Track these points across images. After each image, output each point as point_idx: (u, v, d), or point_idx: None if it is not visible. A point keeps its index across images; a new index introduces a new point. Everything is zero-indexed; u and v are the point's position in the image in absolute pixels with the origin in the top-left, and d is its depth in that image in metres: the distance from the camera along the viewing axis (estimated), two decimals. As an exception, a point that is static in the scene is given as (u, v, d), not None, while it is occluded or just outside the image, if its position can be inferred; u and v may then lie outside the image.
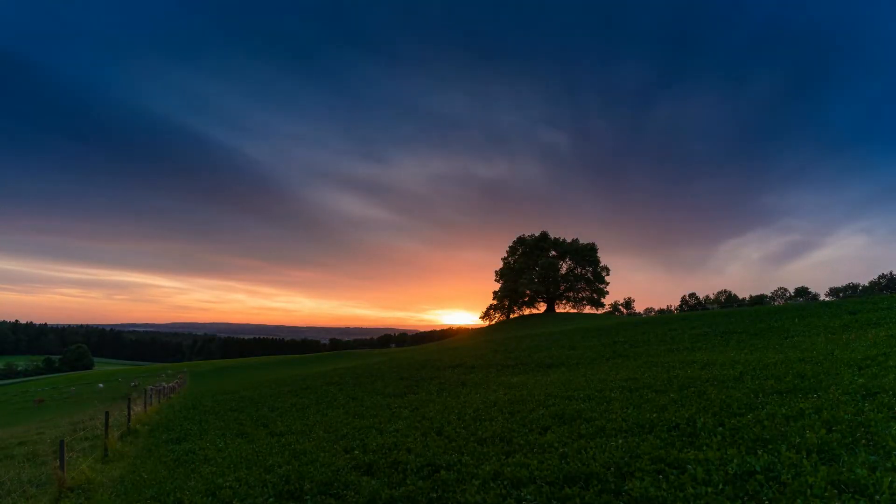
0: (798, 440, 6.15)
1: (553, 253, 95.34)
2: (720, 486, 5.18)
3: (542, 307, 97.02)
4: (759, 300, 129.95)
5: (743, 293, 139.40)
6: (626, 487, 5.58)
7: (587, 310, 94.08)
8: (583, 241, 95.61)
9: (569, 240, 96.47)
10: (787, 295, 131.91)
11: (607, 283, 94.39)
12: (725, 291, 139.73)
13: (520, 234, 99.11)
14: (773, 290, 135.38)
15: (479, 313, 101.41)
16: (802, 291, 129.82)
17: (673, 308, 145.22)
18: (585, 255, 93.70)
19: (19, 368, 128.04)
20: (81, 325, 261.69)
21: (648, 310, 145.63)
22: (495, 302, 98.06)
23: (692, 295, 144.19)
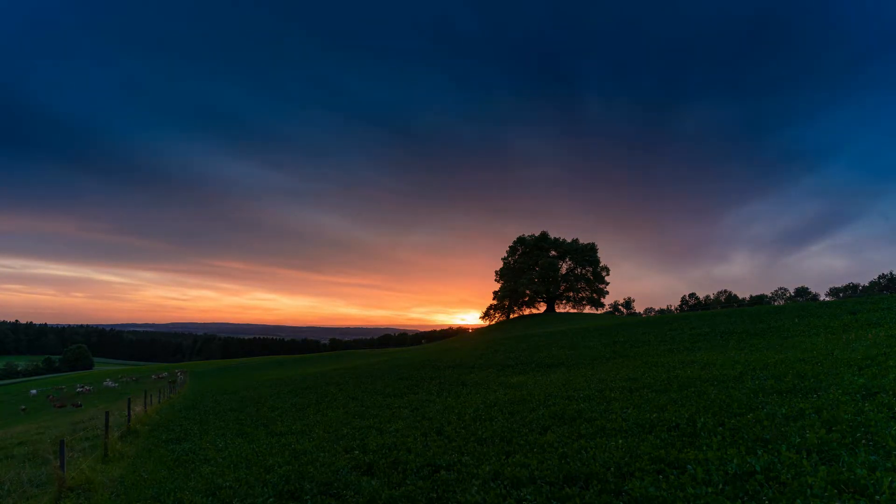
0: (798, 440, 6.15)
1: (553, 253, 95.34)
2: (720, 486, 5.18)
3: (542, 307, 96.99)
4: (759, 300, 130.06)
5: (745, 292, 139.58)
6: (626, 487, 5.58)
7: (587, 310, 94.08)
8: (582, 239, 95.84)
9: (569, 240, 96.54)
10: (788, 295, 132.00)
11: (607, 283, 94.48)
12: (725, 291, 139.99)
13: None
14: (773, 290, 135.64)
15: (480, 313, 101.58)
16: (802, 291, 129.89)
17: (673, 308, 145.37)
18: (585, 255, 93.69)
19: (19, 368, 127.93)
20: (81, 326, 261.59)
21: (648, 310, 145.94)
22: (495, 302, 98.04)
23: (692, 295, 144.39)
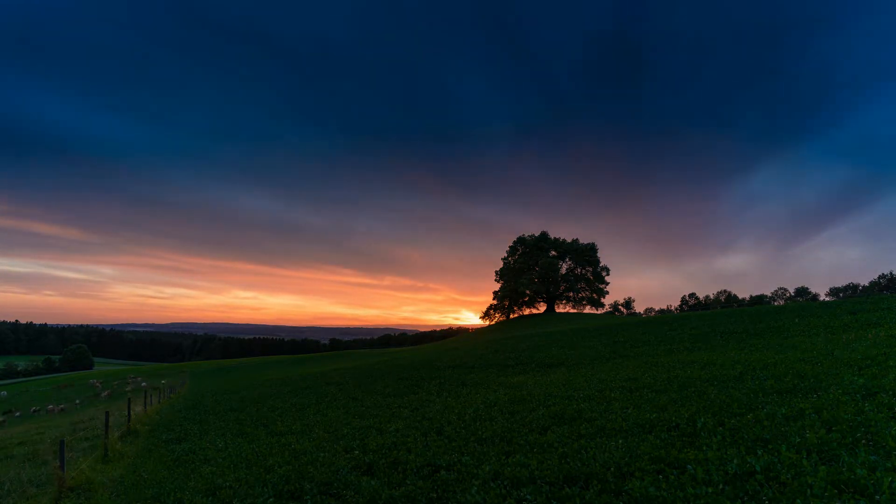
0: (798, 440, 6.15)
1: (553, 253, 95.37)
2: (720, 486, 5.18)
3: (542, 307, 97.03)
4: (759, 300, 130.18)
5: (746, 291, 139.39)
6: (626, 487, 5.58)
7: (587, 310, 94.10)
8: (582, 240, 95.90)
9: (569, 240, 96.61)
10: (788, 295, 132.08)
11: (607, 283, 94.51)
12: (725, 291, 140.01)
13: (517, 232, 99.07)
14: (773, 290, 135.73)
15: (480, 313, 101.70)
16: (802, 291, 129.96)
17: (673, 308, 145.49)
18: (585, 255, 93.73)
19: (19, 368, 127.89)
20: (81, 325, 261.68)
21: (648, 310, 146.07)
22: (495, 302, 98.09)
23: (692, 295, 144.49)
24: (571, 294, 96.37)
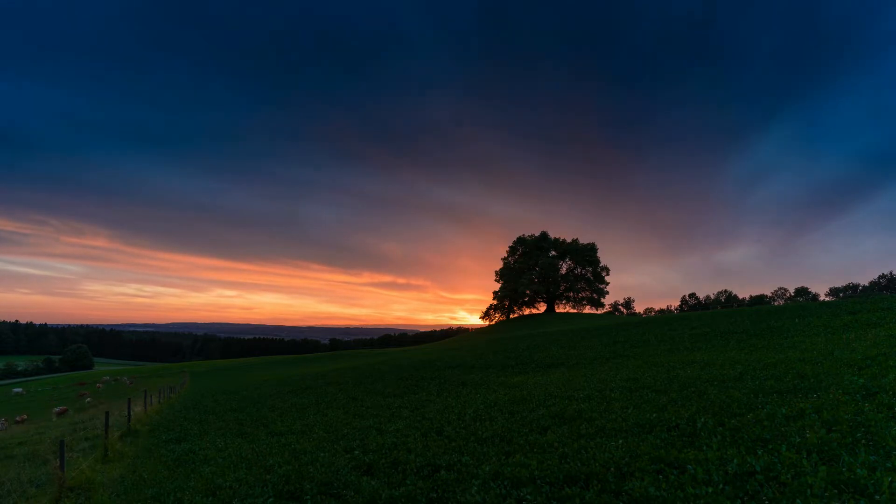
0: (798, 440, 6.15)
1: (553, 253, 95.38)
2: (720, 486, 5.18)
3: (542, 307, 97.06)
4: (759, 300, 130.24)
5: (746, 291, 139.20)
6: (626, 487, 5.58)
7: (587, 310, 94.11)
8: (582, 240, 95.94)
9: (569, 240, 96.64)
10: (787, 295, 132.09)
11: (607, 283, 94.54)
12: (725, 291, 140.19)
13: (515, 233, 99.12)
14: (773, 290, 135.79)
15: (480, 313, 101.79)
16: (802, 291, 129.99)
17: (673, 308, 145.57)
18: (585, 255, 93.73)
19: (19, 368, 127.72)
20: (82, 325, 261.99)
21: (648, 310, 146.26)
22: (495, 302, 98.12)
23: (692, 295, 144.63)
24: (571, 294, 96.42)
